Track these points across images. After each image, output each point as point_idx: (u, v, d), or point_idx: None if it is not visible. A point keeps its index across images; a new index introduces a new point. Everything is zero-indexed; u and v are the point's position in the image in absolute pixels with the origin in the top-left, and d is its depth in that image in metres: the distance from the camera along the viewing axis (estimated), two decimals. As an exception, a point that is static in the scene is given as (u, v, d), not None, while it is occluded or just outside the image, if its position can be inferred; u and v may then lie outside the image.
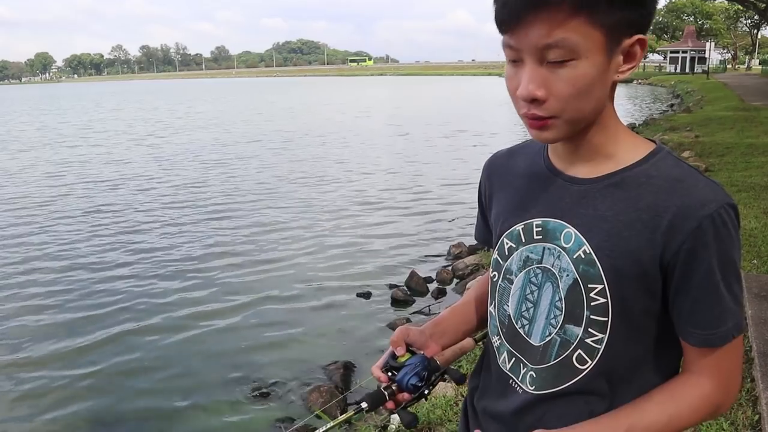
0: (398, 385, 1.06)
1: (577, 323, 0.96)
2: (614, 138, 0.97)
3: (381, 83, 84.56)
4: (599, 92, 0.91)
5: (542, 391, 1.01)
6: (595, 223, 0.95)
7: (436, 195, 10.76)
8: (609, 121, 0.97)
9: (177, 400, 4.37)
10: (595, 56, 0.87)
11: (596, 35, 0.85)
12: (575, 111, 0.90)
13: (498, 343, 1.10)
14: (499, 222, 1.11)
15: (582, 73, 0.87)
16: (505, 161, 1.16)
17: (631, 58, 0.91)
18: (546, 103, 0.89)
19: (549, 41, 0.85)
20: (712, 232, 0.88)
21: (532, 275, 1.02)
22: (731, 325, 0.92)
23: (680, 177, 0.92)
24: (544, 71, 0.88)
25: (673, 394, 0.96)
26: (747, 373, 3.13)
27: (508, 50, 0.91)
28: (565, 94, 0.88)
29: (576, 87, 0.87)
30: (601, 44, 0.87)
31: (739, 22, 72.00)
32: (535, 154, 1.09)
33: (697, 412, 0.96)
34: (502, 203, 1.12)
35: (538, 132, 0.94)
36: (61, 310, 5.94)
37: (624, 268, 0.92)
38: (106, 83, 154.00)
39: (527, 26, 0.85)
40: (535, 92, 0.88)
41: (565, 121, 0.91)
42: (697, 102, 24.84)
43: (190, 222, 9.16)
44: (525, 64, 0.89)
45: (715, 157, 10.07)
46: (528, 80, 0.88)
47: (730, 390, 0.97)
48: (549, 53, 0.86)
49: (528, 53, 0.88)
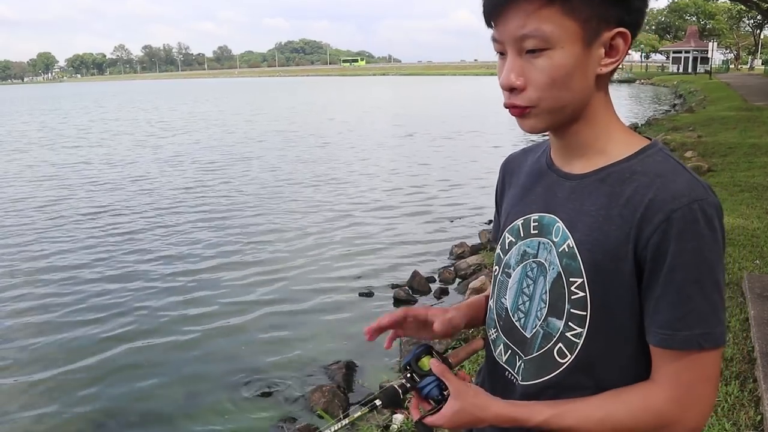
0: (417, 391, 1.05)
1: (559, 316, 0.97)
2: (606, 133, 0.98)
3: (383, 83, 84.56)
4: (579, 83, 0.92)
5: (527, 382, 1.02)
6: (579, 218, 0.96)
7: (438, 195, 10.76)
8: (598, 116, 0.97)
9: (179, 400, 4.38)
10: (570, 46, 0.89)
11: (571, 25, 0.87)
12: (553, 100, 0.92)
13: (494, 335, 1.11)
14: (504, 218, 1.14)
15: (557, 62, 0.89)
16: (518, 161, 1.19)
17: (614, 51, 0.92)
18: (524, 92, 0.92)
19: (524, 31, 0.88)
20: (680, 226, 0.85)
21: (528, 269, 1.04)
22: (698, 332, 0.87)
23: (662, 172, 0.91)
24: (522, 61, 0.91)
25: (618, 395, 0.93)
26: (749, 373, 3.13)
27: (495, 44, 0.95)
28: (542, 83, 0.91)
29: (551, 76, 0.90)
30: (577, 35, 0.88)
31: (742, 22, 71.76)
32: (542, 153, 1.11)
33: (637, 419, 0.91)
34: (508, 200, 1.16)
35: (519, 121, 0.97)
36: (62, 311, 5.93)
37: (603, 262, 0.92)
38: (109, 83, 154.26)
39: (506, 18, 0.90)
40: (514, 81, 0.92)
41: (543, 110, 0.93)
42: (700, 102, 24.80)
43: (192, 222, 9.16)
44: (507, 56, 0.93)
45: (718, 158, 10.07)
46: (507, 70, 0.92)
47: (688, 408, 0.89)
48: (525, 42, 0.89)
49: (508, 44, 0.92)
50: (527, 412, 0.95)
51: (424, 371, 1.04)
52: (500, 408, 0.97)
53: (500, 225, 1.17)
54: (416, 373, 1.04)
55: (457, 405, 0.97)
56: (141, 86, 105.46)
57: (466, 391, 0.98)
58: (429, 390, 1.03)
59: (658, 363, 0.91)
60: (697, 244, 0.86)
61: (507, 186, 1.19)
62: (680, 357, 0.88)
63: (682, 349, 0.88)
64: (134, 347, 5.15)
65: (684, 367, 0.89)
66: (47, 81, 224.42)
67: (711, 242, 0.86)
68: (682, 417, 0.90)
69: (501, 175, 1.22)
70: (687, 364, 0.88)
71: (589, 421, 0.93)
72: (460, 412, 0.97)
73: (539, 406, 0.96)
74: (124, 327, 5.54)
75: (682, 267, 0.86)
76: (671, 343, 0.88)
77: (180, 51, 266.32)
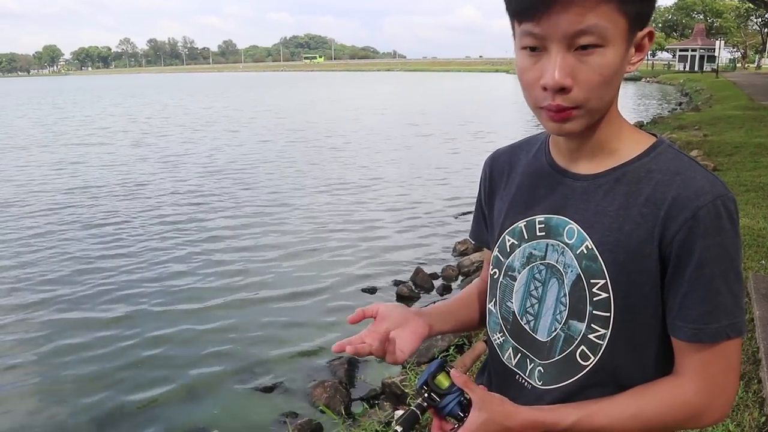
0: (437, 410, 1.01)
1: (581, 319, 0.96)
2: (618, 133, 0.97)
3: (388, 79, 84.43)
4: (618, 82, 0.91)
5: (549, 386, 1.01)
6: (596, 219, 0.95)
7: (442, 192, 10.74)
8: (614, 115, 0.97)
9: (181, 395, 4.38)
10: (619, 45, 0.86)
11: (622, 23, 0.85)
12: (598, 100, 0.89)
13: (501, 340, 1.10)
14: (500, 219, 1.11)
15: (609, 61, 0.86)
16: (507, 158, 1.16)
17: (641, 49, 0.92)
18: (572, 93, 0.87)
19: (582, 27, 0.83)
20: (706, 223, 0.87)
21: (536, 272, 1.02)
22: (726, 323, 0.88)
23: (679, 170, 0.92)
24: (571, 59, 0.85)
25: (647, 390, 0.94)
26: (754, 374, 3.11)
27: (529, 38, 0.87)
28: (593, 83, 0.86)
29: (603, 75, 0.86)
30: (625, 33, 0.87)
31: (750, 21, 71.44)
32: (537, 151, 1.09)
33: (667, 413, 0.92)
34: (504, 201, 1.12)
35: (559, 125, 0.91)
36: (62, 307, 5.94)
37: (626, 262, 0.91)
38: (114, 76, 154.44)
39: (558, 12, 0.83)
40: (564, 80, 0.85)
41: (587, 111, 0.89)
42: (706, 101, 24.69)
43: (195, 218, 9.17)
44: (549, 53, 0.86)
45: (724, 157, 10.02)
46: (556, 68, 0.85)
47: (715, 398, 0.92)
48: (580, 39, 0.84)
49: (555, 41, 0.85)
50: (555, 416, 0.94)
51: (442, 389, 1.00)
52: (528, 414, 0.95)
53: (489, 226, 1.16)
54: (435, 393, 1.01)
55: (483, 416, 0.94)
56: (146, 80, 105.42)
57: (491, 401, 0.96)
58: (451, 408, 1.00)
59: (683, 356, 0.92)
60: (722, 239, 0.87)
61: (496, 185, 1.15)
62: (707, 348, 0.90)
63: (712, 342, 0.89)
64: (136, 342, 5.15)
65: (711, 358, 0.90)
66: (53, 74, 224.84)
67: (733, 236, 0.89)
68: (710, 407, 0.91)
69: (488, 173, 1.18)
70: (714, 355, 0.90)
71: (619, 419, 0.93)
72: (486, 423, 0.94)
73: (567, 409, 0.95)
74: (126, 321, 5.55)
75: (709, 262, 0.87)
76: (702, 337, 0.89)
77: (185, 45, 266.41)
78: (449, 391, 1.00)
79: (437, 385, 1.01)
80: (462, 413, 0.99)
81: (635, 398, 0.93)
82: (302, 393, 4.31)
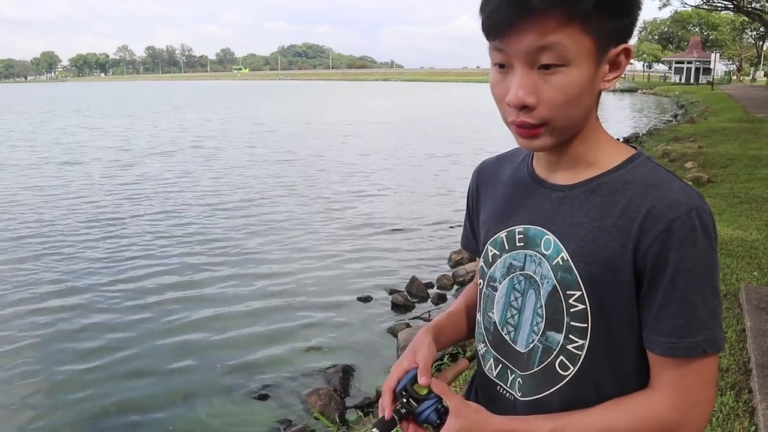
0: (414, 416, 1.01)
1: (558, 330, 0.96)
2: (595, 145, 0.97)
3: (385, 89, 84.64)
4: (587, 101, 0.91)
5: (528, 398, 1.00)
6: (571, 230, 0.95)
7: (437, 201, 10.78)
8: (592, 130, 0.96)
9: (176, 401, 4.38)
10: (585, 64, 0.86)
11: (587, 43, 0.85)
12: (564, 118, 0.90)
13: (484, 350, 1.10)
14: (484, 230, 1.11)
15: (572, 80, 0.86)
16: (493, 168, 1.17)
17: (617, 67, 0.91)
18: (536, 110, 0.88)
19: (542, 43, 0.84)
20: (680, 235, 0.86)
21: (516, 282, 1.02)
22: (701, 338, 0.87)
23: (654, 182, 0.91)
24: (534, 77, 0.87)
25: (621, 403, 0.93)
26: (745, 384, 3.14)
27: (497, 54, 0.89)
28: (556, 101, 0.87)
29: (566, 94, 0.87)
30: (591, 52, 0.86)
31: (745, 34, 71.98)
32: (521, 162, 1.10)
33: (640, 427, 0.91)
34: (487, 210, 1.13)
35: (527, 141, 0.93)
36: (63, 311, 5.94)
37: (600, 275, 0.91)
38: (111, 83, 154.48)
39: (520, 31, 0.84)
40: (526, 99, 0.87)
41: (554, 129, 0.91)
42: (701, 113, 24.84)
43: (191, 225, 9.19)
44: (514, 70, 0.88)
45: (718, 168, 10.08)
46: (518, 86, 0.87)
47: (690, 413, 0.89)
48: (542, 56, 0.85)
49: (518, 58, 0.87)
50: (529, 426, 0.94)
51: (421, 395, 1.01)
52: (501, 424, 0.95)
53: (477, 235, 1.16)
54: (413, 398, 1.01)
55: (459, 423, 0.95)
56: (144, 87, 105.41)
57: (467, 409, 0.96)
58: (427, 415, 1.00)
59: (658, 370, 0.91)
60: (697, 252, 0.86)
61: (482, 195, 1.17)
62: (682, 364, 0.88)
63: (687, 357, 0.88)
64: (131, 349, 5.15)
65: (685, 373, 0.89)
66: (50, 80, 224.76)
67: (709, 249, 0.87)
68: (684, 422, 0.90)
69: (475, 184, 1.20)
70: (688, 370, 0.89)
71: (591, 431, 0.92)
72: (461, 431, 0.94)
73: (541, 420, 0.94)
74: (123, 328, 5.55)
75: (683, 275, 0.86)
76: (675, 351, 0.88)
77: (183, 53, 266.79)
78: (427, 397, 1.00)
79: (416, 391, 1.01)
80: (438, 420, 0.99)
81: (609, 411, 0.92)
82: (297, 400, 4.31)
